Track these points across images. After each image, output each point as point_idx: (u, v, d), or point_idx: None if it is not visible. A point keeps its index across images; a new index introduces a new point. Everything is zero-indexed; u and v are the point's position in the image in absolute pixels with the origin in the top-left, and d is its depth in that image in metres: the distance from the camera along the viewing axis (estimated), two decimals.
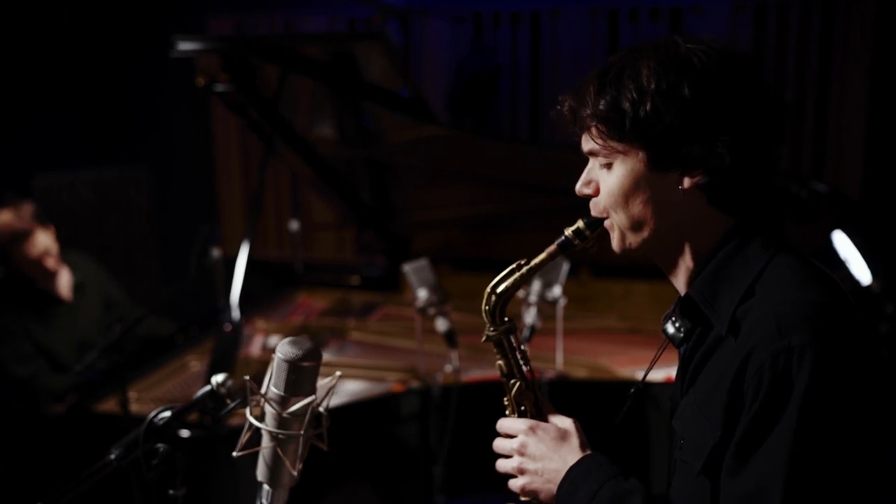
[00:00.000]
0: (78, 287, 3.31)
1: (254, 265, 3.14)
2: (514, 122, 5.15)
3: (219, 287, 3.26)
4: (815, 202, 3.11)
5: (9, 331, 3.07)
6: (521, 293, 2.83)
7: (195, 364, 3.17)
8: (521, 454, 1.32)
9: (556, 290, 2.79)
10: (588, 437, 1.37)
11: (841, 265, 2.96)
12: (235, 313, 2.86)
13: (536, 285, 2.80)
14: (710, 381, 1.17)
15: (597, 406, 2.68)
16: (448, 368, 2.79)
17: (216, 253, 3.27)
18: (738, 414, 1.10)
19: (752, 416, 1.08)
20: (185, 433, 2.42)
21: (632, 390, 1.40)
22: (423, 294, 2.76)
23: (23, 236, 3.11)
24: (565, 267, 2.83)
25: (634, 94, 1.14)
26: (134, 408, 2.62)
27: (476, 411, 2.72)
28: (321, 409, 1.44)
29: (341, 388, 2.93)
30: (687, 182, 1.16)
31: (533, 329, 2.78)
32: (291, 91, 3.36)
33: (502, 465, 1.35)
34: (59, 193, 3.49)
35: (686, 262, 1.22)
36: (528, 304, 2.80)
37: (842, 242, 3.04)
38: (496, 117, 5.20)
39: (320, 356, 1.40)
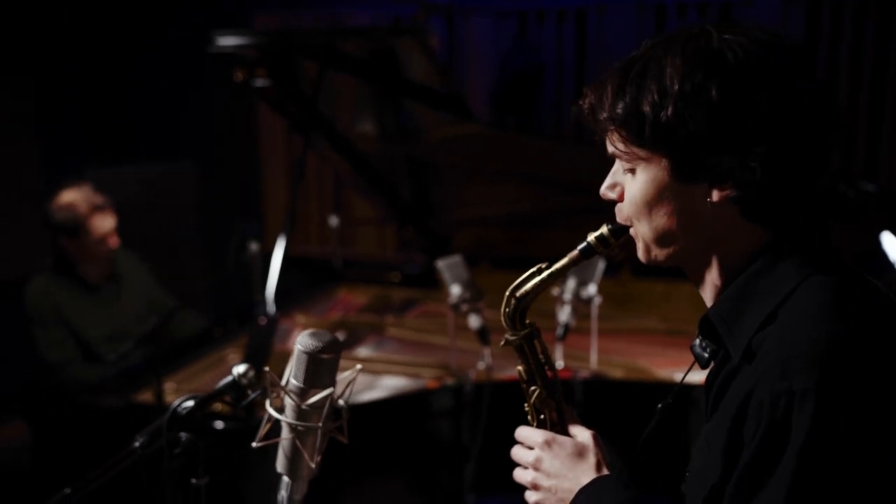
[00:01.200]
0: (119, 279, 3.40)
1: (294, 261, 3.16)
2: (558, 120, 5.11)
3: (256, 281, 3.29)
4: (864, 202, 3.02)
5: (45, 316, 3.18)
6: (555, 291, 2.80)
7: (234, 357, 3.20)
8: (536, 469, 1.26)
9: (591, 289, 2.75)
10: (621, 438, 1.31)
11: (889, 268, 2.87)
12: (271, 307, 2.88)
13: (571, 283, 2.77)
14: (722, 412, 1.06)
15: (631, 406, 2.65)
16: (481, 365, 2.77)
17: (254, 247, 3.30)
18: (737, 455, 1.00)
19: (747, 461, 0.98)
20: (219, 424, 2.46)
21: (659, 406, 1.31)
22: (456, 290, 2.75)
23: (101, 209, 3.24)
24: (601, 265, 2.79)
25: (656, 96, 1.02)
26: (171, 399, 2.66)
27: (508, 409, 2.69)
28: (341, 402, 1.44)
29: (379, 382, 2.94)
30: (716, 195, 1.04)
31: (567, 328, 2.75)
32: (334, 87, 3.38)
33: (519, 475, 1.30)
34: (107, 188, 3.60)
35: (713, 278, 1.11)
36: (563, 303, 2.77)
37: (891, 244, 2.94)
38: (540, 115, 5.17)
39: (340, 349, 1.40)
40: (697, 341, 1.15)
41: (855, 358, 0.97)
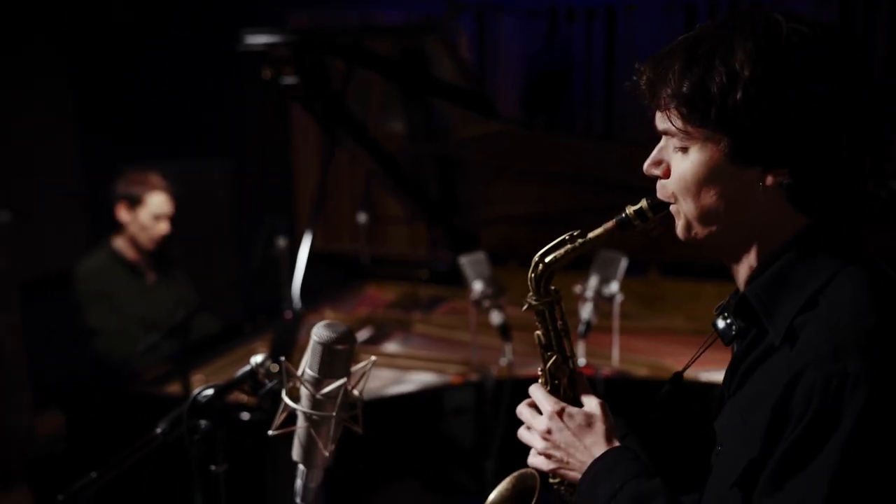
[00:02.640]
0: (166, 271, 3.63)
1: (324, 257, 3.19)
2: (588, 118, 5.10)
3: (284, 277, 3.35)
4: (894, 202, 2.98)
5: (93, 292, 3.43)
6: (577, 289, 2.81)
7: (262, 351, 3.25)
8: (546, 440, 1.28)
9: (614, 287, 2.76)
10: (642, 435, 1.31)
11: None
12: (296, 302, 2.93)
13: (593, 281, 2.78)
14: (756, 390, 1.10)
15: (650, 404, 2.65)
16: (502, 362, 2.79)
17: (282, 243, 3.37)
18: (781, 432, 1.03)
19: (794, 439, 1.01)
20: (245, 415, 2.51)
21: (672, 377, 1.36)
22: (478, 286, 2.78)
23: (164, 190, 3.50)
24: (623, 263, 2.79)
25: (725, 79, 1.03)
26: None
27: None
28: (356, 392, 1.47)
29: (408, 378, 2.97)
30: (770, 180, 1.08)
31: (589, 325, 2.76)
32: (364, 86, 3.42)
33: (527, 438, 1.31)
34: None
35: (750, 260, 1.15)
36: (585, 300, 2.78)
37: None
38: (570, 114, 5.16)
39: (354, 340, 1.44)
40: (721, 318, 1.18)
41: None
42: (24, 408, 3.92)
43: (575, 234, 1.27)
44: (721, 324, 1.18)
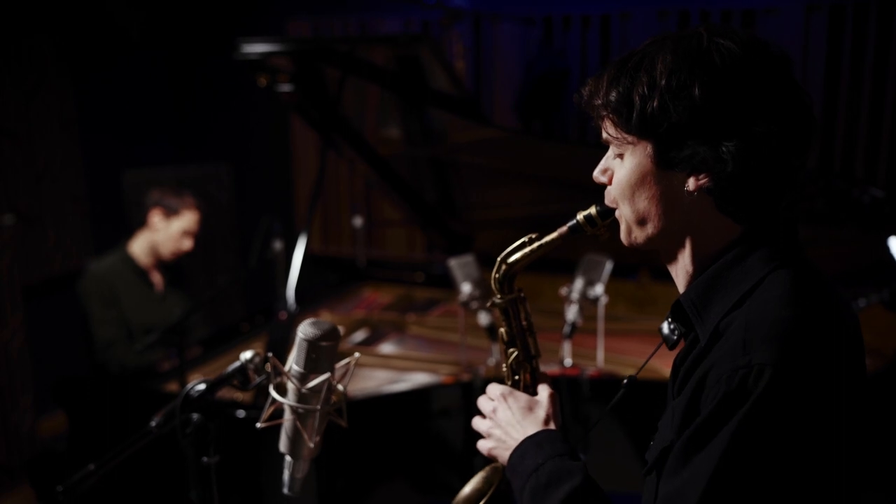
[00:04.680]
0: (173, 283, 3.72)
1: (320, 260, 3.24)
2: (582, 124, 5.16)
3: (279, 279, 3.41)
4: (878, 209, 3.03)
5: (101, 294, 3.48)
6: (563, 290, 2.87)
7: (260, 351, 3.32)
8: (491, 419, 1.36)
9: (598, 289, 2.81)
10: (625, 433, 1.36)
11: None
12: (291, 303, 2.99)
13: (578, 283, 2.83)
14: (687, 389, 1.12)
15: (635, 403, 2.70)
16: (490, 362, 2.85)
17: (278, 245, 3.44)
18: (691, 422, 1.08)
19: (698, 424, 1.06)
20: (241, 412, 2.58)
21: (625, 381, 1.40)
22: (466, 288, 2.84)
23: (199, 211, 3.63)
24: (608, 266, 2.84)
25: (645, 88, 1.11)
26: None
27: None
28: (340, 386, 1.54)
29: (403, 378, 3.03)
30: (692, 184, 1.12)
31: (574, 326, 2.81)
32: (362, 92, 3.48)
33: (476, 423, 1.40)
34: (146, 189, 3.80)
35: (686, 264, 1.19)
36: (570, 302, 2.84)
37: None
38: (565, 120, 5.22)
39: (339, 337, 1.50)
40: (666, 324, 1.23)
41: (810, 340, 1.06)
42: (26, 408, 3.99)
43: (533, 237, 1.36)
44: (665, 329, 1.23)
